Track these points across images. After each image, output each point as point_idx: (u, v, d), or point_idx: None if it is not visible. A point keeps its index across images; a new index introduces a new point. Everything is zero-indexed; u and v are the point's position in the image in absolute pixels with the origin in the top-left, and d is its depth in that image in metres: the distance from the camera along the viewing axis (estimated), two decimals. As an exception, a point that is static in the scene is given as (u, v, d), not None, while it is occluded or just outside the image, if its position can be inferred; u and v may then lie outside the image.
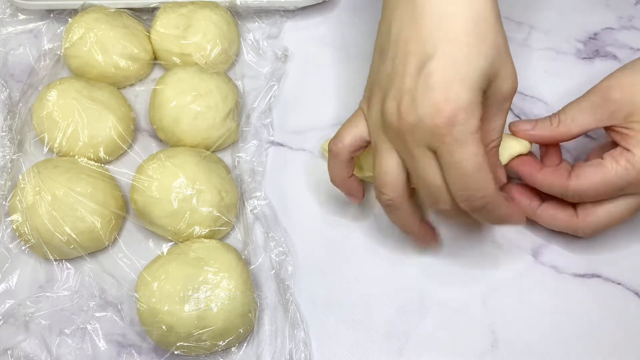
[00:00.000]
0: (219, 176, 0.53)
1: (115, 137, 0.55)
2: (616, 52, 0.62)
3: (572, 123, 0.48)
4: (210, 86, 0.56)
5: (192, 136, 0.55)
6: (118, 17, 0.60)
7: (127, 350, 0.49)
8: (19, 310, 0.50)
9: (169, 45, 0.60)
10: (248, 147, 0.57)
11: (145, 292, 0.47)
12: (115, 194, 0.53)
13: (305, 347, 0.49)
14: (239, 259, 0.50)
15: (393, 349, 0.49)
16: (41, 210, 0.50)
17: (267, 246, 0.53)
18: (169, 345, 0.47)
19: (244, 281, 0.48)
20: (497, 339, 0.49)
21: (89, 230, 0.51)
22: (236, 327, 0.48)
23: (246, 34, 0.63)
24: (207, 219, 0.51)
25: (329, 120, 0.59)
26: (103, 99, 0.56)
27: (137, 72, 0.60)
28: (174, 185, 0.51)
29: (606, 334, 0.49)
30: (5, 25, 0.65)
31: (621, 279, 0.51)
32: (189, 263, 0.48)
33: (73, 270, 0.52)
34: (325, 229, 0.54)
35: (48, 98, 0.55)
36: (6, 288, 0.51)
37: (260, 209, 0.54)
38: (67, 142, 0.55)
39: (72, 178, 0.52)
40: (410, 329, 0.50)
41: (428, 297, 0.51)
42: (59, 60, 0.61)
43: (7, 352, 0.49)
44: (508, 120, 0.52)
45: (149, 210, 0.51)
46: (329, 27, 0.65)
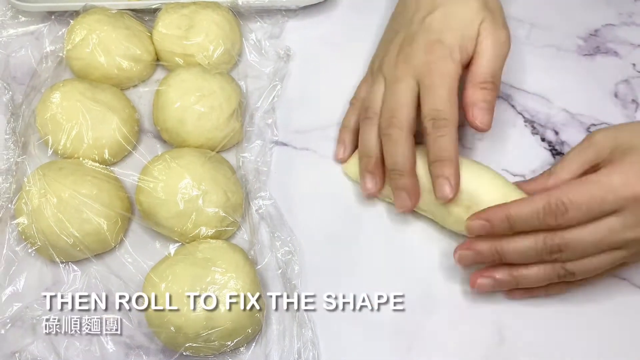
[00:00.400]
0: (225, 176, 0.53)
1: (120, 138, 0.55)
2: (617, 49, 0.63)
3: (562, 171, 0.50)
4: (214, 87, 0.56)
5: (196, 137, 0.55)
6: (120, 18, 0.60)
7: (135, 351, 0.49)
8: (26, 313, 0.50)
9: (172, 46, 0.60)
10: (252, 147, 0.58)
11: (153, 293, 0.47)
12: (121, 195, 0.53)
13: (313, 347, 0.49)
14: (245, 259, 0.50)
15: (401, 347, 0.49)
16: (47, 212, 0.50)
17: (273, 246, 0.53)
18: (178, 346, 0.47)
19: (251, 281, 0.48)
20: (504, 336, 0.49)
21: (95, 232, 0.51)
22: (244, 327, 0.48)
23: (248, 34, 0.63)
24: (213, 220, 0.51)
25: (332, 119, 0.59)
26: (107, 101, 0.56)
27: (140, 73, 0.60)
28: (179, 186, 0.51)
29: (612, 331, 0.49)
30: (7, 27, 0.64)
31: (626, 274, 0.51)
32: (196, 264, 0.49)
33: (80, 273, 0.52)
34: (330, 228, 0.54)
35: (51, 100, 0.55)
36: (13, 291, 0.51)
37: (266, 209, 0.54)
38: (72, 144, 0.54)
39: (77, 180, 0.52)
40: (418, 327, 0.50)
41: (435, 295, 0.51)
42: (62, 62, 0.61)
43: (15, 355, 0.49)
44: (516, 121, 0.55)
45: (155, 212, 0.51)
46: (330, 26, 0.65)
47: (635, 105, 0.60)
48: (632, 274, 0.51)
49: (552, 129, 0.58)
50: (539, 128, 0.59)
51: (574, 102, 0.60)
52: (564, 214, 0.44)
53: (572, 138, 0.58)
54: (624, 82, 0.61)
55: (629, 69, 0.62)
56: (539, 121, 0.59)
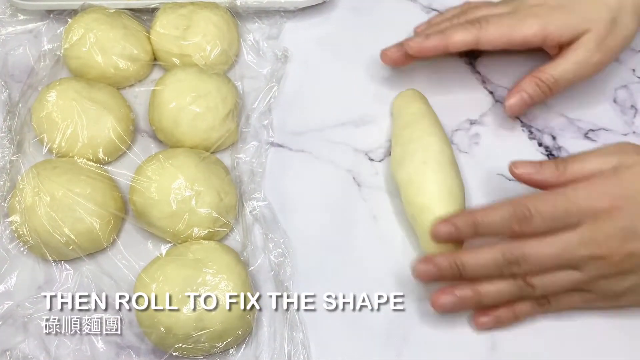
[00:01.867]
0: (218, 177, 0.53)
1: (115, 138, 0.55)
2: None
3: (577, 167, 0.46)
4: (210, 87, 0.56)
5: (191, 137, 0.55)
6: (118, 17, 0.60)
7: (125, 351, 0.49)
8: (17, 312, 0.50)
9: (169, 46, 0.60)
10: (247, 148, 0.57)
11: (144, 294, 0.47)
12: (115, 195, 0.53)
13: (304, 349, 0.49)
14: (237, 261, 0.50)
15: (392, 351, 0.49)
16: (40, 211, 0.50)
17: (266, 247, 0.53)
18: (168, 347, 0.47)
19: (242, 282, 0.48)
20: (496, 341, 0.49)
21: (88, 231, 0.51)
22: (235, 329, 0.48)
23: (246, 35, 0.63)
24: (206, 221, 0.51)
25: (328, 121, 0.59)
26: (102, 100, 0.56)
27: (137, 72, 0.60)
28: (173, 187, 0.51)
29: (606, 341, 0.49)
30: (5, 25, 0.64)
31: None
32: (187, 264, 0.48)
33: (72, 272, 0.52)
34: (324, 231, 0.54)
35: (47, 99, 0.55)
36: (5, 289, 0.51)
37: (260, 211, 0.54)
38: (67, 143, 0.54)
39: (71, 179, 0.52)
40: (409, 331, 0.50)
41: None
42: (59, 60, 0.61)
43: (6, 354, 0.49)
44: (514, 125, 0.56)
45: (148, 212, 0.51)
46: (329, 28, 0.65)
47: (634, 111, 0.59)
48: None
49: (549, 134, 0.58)
50: (536, 133, 0.58)
51: (572, 107, 0.59)
52: (529, 220, 0.44)
53: (570, 143, 0.57)
54: (623, 87, 0.60)
55: (628, 75, 0.61)
56: (536, 126, 0.58)
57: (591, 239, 0.44)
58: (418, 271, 0.47)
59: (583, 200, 0.44)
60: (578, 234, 0.44)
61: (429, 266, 0.47)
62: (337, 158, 0.58)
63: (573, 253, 0.44)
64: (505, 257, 0.45)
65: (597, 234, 0.44)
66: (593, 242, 0.44)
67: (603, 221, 0.44)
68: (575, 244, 0.44)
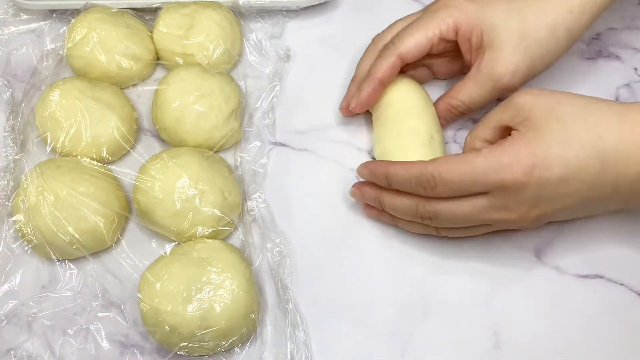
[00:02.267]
0: (222, 176, 0.53)
1: (118, 137, 0.55)
2: (619, 53, 0.62)
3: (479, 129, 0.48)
4: (213, 86, 0.56)
5: (194, 136, 0.55)
6: (120, 17, 0.60)
7: (130, 350, 0.49)
8: (22, 311, 0.50)
9: (172, 45, 0.60)
10: (250, 148, 0.57)
11: (148, 293, 0.47)
12: (118, 194, 0.53)
13: (306, 348, 0.49)
14: (242, 259, 0.50)
15: (395, 350, 0.49)
16: (44, 210, 0.50)
17: (264, 248, 0.53)
18: (172, 346, 0.47)
19: (246, 281, 0.48)
20: (500, 339, 0.49)
21: (92, 231, 0.51)
22: (239, 328, 0.48)
23: (249, 34, 0.63)
24: (210, 219, 0.51)
25: (331, 121, 0.59)
26: (106, 99, 0.56)
27: (140, 72, 0.60)
28: (176, 186, 0.51)
29: (609, 335, 0.49)
30: (8, 25, 0.65)
31: (624, 279, 0.51)
32: (192, 263, 0.49)
33: (76, 271, 0.52)
34: (326, 229, 0.54)
35: (51, 98, 0.55)
36: (9, 288, 0.51)
37: (258, 211, 0.54)
38: (70, 142, 0.55)
39: (75, 178, 0.52)
40: (412, 329, 0.50)
41: (430, 298, 0.51)
42: (62, 60, 0.61)
43: (10, 352, 0.49)
44: None
45: (152, 211, 0.51)
46: (331, 27, 0.65)
47: (636, 110, 0.59)
48: (629, 278, 0.51)
49: (552, 133, 0.58)
50: (538, 131, 0.58)
51: (575, 106, 0.59)
52: (433, 188, 0.45)
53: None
54: (626, 86, 0.61)
55: (630, 73, 0.61)
56: (538, 124, 0.59)
57: (502, 205, 0.45)
58: (352, 191, 0.53)
59: (492, 172, 0.43)
60: (490, 201, 0.45)
61: (357, 192, 0.53)
62: (340, 157, 0.58)
63: (485, 216, 0.46)
64: (419, 210, 0.48)
65: (507, 201, 0.44)
66: (504, 208, 0.45)
67: (514, 191, 0.44)
68: (487, 209, 0.45)
